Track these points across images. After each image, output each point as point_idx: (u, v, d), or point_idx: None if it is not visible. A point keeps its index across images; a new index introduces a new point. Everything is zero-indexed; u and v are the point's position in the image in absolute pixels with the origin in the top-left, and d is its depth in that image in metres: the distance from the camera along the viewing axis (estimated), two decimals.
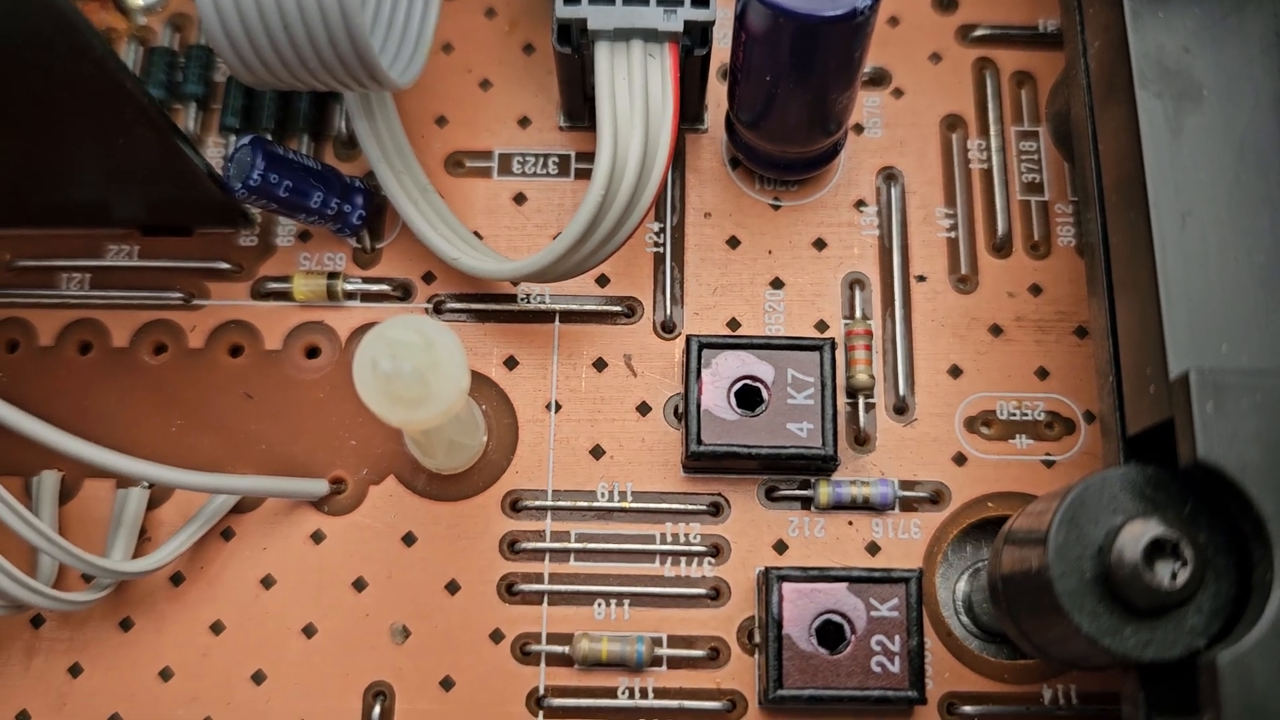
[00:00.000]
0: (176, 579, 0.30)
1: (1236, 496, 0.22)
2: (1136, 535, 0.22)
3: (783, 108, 0.29)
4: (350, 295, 0.32)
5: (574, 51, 0.29)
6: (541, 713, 0.29)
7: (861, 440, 0.30)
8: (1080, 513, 0.23)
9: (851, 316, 0.32)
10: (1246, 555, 0.22)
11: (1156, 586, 0.21)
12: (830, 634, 0.28)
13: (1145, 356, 0.24)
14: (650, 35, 0.28)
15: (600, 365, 0.31)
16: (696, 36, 0.29)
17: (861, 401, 0.31)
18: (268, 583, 0.30)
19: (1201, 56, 0.26)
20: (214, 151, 0.33)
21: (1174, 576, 0.21)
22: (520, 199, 0.33)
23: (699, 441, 0.29)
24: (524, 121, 0.34)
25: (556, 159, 0.33)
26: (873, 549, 0.30)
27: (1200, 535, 0.22)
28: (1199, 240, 0.24)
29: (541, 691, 0.29)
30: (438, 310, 0.32)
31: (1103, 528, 0.22)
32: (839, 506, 0.30)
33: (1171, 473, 0.23)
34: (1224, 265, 0.24)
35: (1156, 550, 0.22)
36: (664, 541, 0.30)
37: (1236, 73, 0.25)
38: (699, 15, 0.29)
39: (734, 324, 0.32)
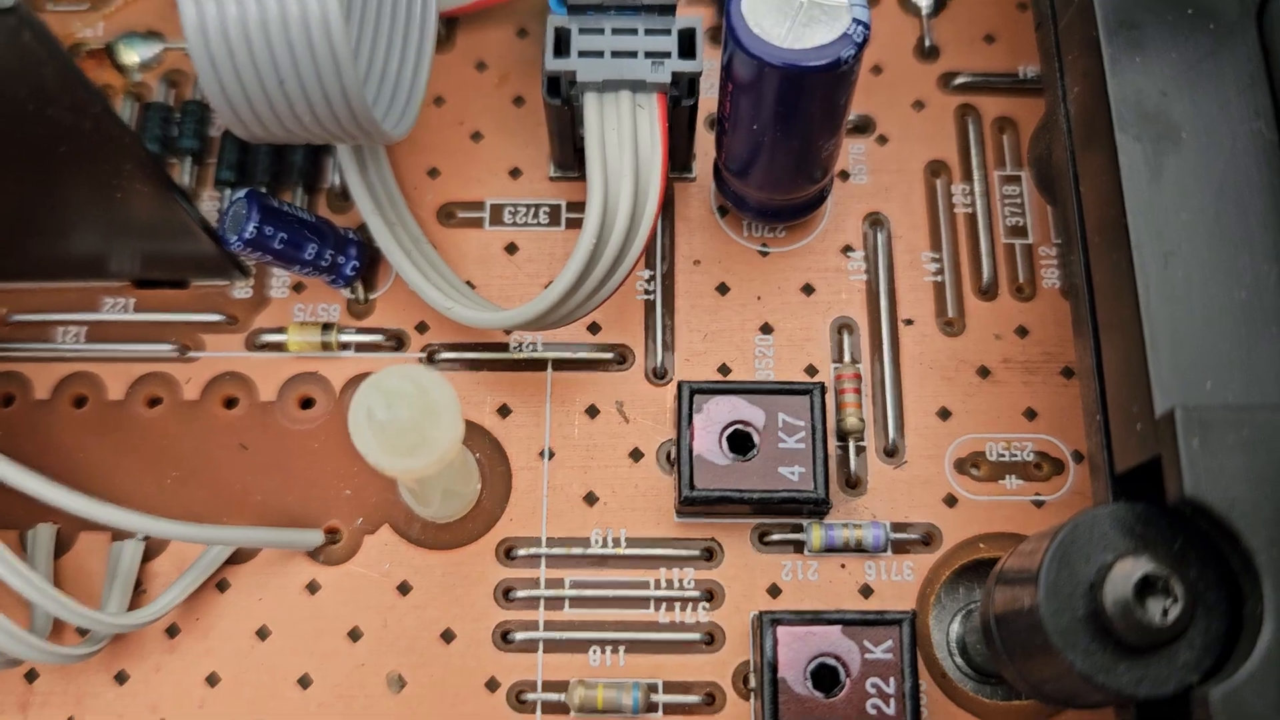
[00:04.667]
0: (172, 630, 0.30)
1: (1225, 532, 0.22)
2: (1127, 572, 0.22)
3: (770, 156, 0.30)
4: (344, 346, 0.32)
5: (563, 103, 0.30)
6: None
7: (853, 483, 0.31)
8: (1071, 551, 0.23)
9: (840, 360, 0.32)
10: (1237, 590, 0.22)
11: (1148, 623, 0.21)
12: (825, 677, 0.28)
13: (1131, 395, 0.24)
14: (638, 86, 0.29)
15: (593, 412, 0.31)
16: (684, 87, 0.30)
17: (852, 445, 0.31)
18: (263, 634, 0.30)
19: (1179, 100, 0.26)
20: (209, 205, 0.34)
21: (1165, 613, 0.21)
22: (512, 249, 0.33)
23: (691, 487, 0.29)
24: (515, 172, 0.34)
25: (548, 209, 0.34)
26: (866, 591, 0.30)
27: (1191, 571, 0.22)
28: (1182, 279, 0.24)
29: None
30: (431, 359, 0.32)
31: (1093, 565, 0.22)
32: (831, 549, 0.30)
33: (1161, 509, 0.23)
34: (1207, 303, 0.24)
35: (1147, 587, 0.22)
36: (658, 587, 0.30)
37: (1214, 115, 0.26)
38: (686, 67, 0.29)
39: (724, 369, 0.32)
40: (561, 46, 0.29)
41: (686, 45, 0.30)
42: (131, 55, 0.35)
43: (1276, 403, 0.23)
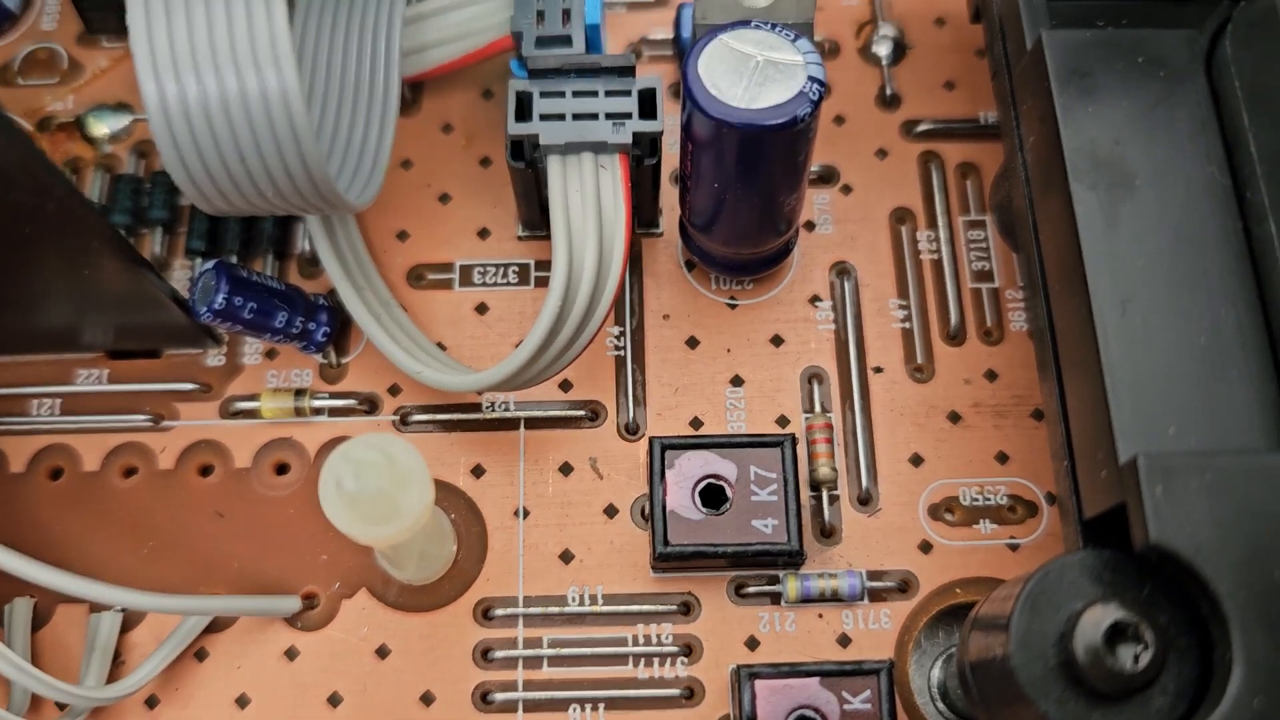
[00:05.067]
0: (151, 702, 0.30)
1: (1192, 577, 0.22)
2: (1097, 620, 0.22)
3: (733, 211, 0.30)
4: (318, 411, 0.32)
5: (528, 165, 0.30)
6: None
7: (827, 533, 0.31)
8: (1041, 599, 0.23)
9: (811, 410, 0.32)
10: (1207, 635, 0.22)
11: (1119, 670, 0.21)
12: None
13: (1096, 441, 0.25)
14: (600, 148, 0.29)
15: (566, 470, 0.32)
16: (646, 147, 0.30)
17: (825, 494, 0.31)
18: (242, 702, 0.30)
19: (1133, 146, 0.26)
20: (180, 274, 0.34)
21: (1136, 660, 0.22)
22: (482, 309, 0.33)
23: (666, 542, 0.29)
24: (483, 233, 0.34)
25: (516, 268, 0.34)
26: (844, 641, 0.30)
27: (1160, 617, 0.22)
28: (1140, 325, 0.25)
29: None
30: (404, 422, 0.32)
31: (1064, 613, 0.23)
32: (808, 600, 0.30)
33: (1129, 555, 0.23)
34: (1166, 349, 0.25)
35: (1117, 634, 0.22)
36: (636, 643, 0.30)
37: (1167, 161, 0.26)
38: (647, 127, 0.29)
39: (696, 423, 0.32)
40: (523, 110, 0.30)
41: (647, 105, 0.30)
42: (101, 127, 0.35)
43: (1239, 447, 0.24)
